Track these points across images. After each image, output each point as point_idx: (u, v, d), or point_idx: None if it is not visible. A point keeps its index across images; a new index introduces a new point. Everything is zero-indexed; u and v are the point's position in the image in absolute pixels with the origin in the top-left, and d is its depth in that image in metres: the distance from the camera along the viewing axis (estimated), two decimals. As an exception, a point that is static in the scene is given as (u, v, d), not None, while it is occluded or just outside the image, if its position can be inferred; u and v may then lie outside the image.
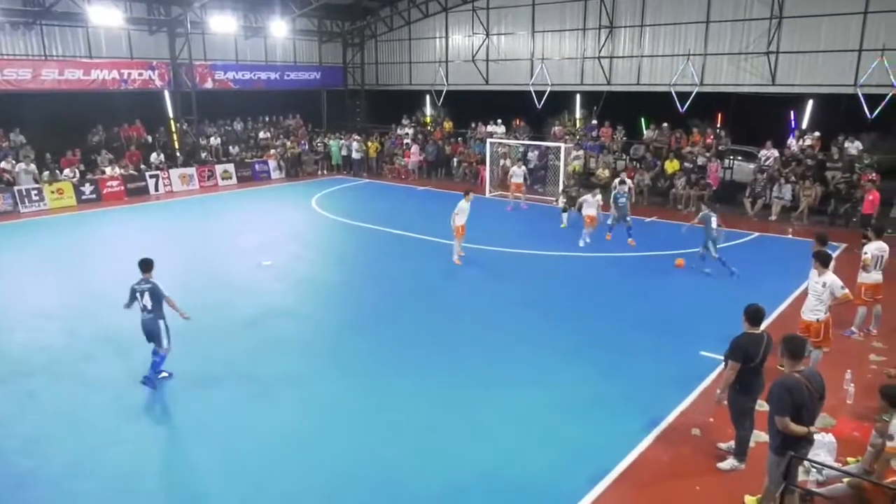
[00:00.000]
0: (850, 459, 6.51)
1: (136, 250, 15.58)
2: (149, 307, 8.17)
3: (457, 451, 6.91)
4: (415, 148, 26.80)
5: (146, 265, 8.32)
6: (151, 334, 8.30)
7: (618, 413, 7.68)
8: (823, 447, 6.52)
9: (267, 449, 6.96)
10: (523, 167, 20.21)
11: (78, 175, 21.47)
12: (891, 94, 18.03)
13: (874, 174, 17.41)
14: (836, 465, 6.38)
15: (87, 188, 21.33)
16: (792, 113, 21.90)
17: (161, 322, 8.29)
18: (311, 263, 14.76)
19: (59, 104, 21.68)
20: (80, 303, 11.79)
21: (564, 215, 17.43)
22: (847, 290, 8.08)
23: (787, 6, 19.75)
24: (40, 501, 6.21)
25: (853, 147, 18.93)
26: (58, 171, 21.17)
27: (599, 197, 15.75)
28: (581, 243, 15.13)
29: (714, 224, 12.83)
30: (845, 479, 6.01)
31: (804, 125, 21.23)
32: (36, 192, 20.18)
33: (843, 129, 19.49)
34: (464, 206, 13.71)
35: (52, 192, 20.51)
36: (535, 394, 8.19)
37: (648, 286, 12.57)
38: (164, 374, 8.55)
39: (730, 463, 6.64)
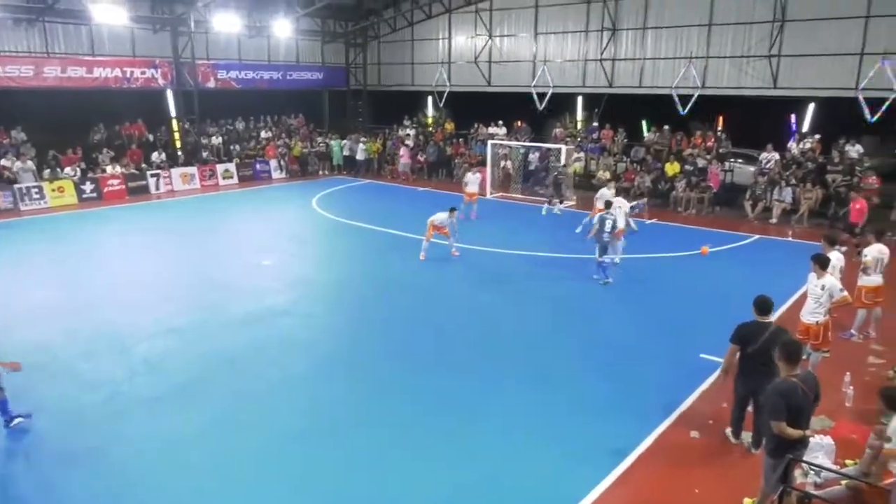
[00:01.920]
0: (848, 462, 6.51)
1: (136, 249, 15.79)
2: None
3: (458, 452, 6.91)
4: (404, 150, 26.80)
5: None
6: None
7: (617, 416, 7.68)
8: (822, 450, 6.52)
9: (265, 451, 6.95)
10: (478, 174, 19.36)
11: (79, 173, 21.49)
12: (892, 97, 18.00)
13: (874, 177, 17.41)
14: (834, 467, 6.38)
15: (88, 186, 21.35)
16: (793, 116, 21.90)
17: None
18: (311, 264, 14.78)
19: (61, 102, 21.68)
20: (79, 301, 11.79)
21: (545, 206, 19.54)
22: (846, 293, 8.08)
23: (790, 9, 19.76)
24: (29, 501, 6.22)
25: (854, 150, 18.92)
26: (59, 170, 21.20)
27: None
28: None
29: (608, 228, 12.31)
30: (843, 482, 6.01)
31: (805, 128, 21.25)
32: (37, 189, 20.20)
33: (844, 132, 19.49)
34: (443, 218, 14.10)
35: (53, 190, 20.53)
36: (533, 395, 8.19)
37: (648, 288, 12.57)
38: (20, 419, 7.34)
39: (727, 432, 7.17)
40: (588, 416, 7.70)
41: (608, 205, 12.78)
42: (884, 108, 18.23)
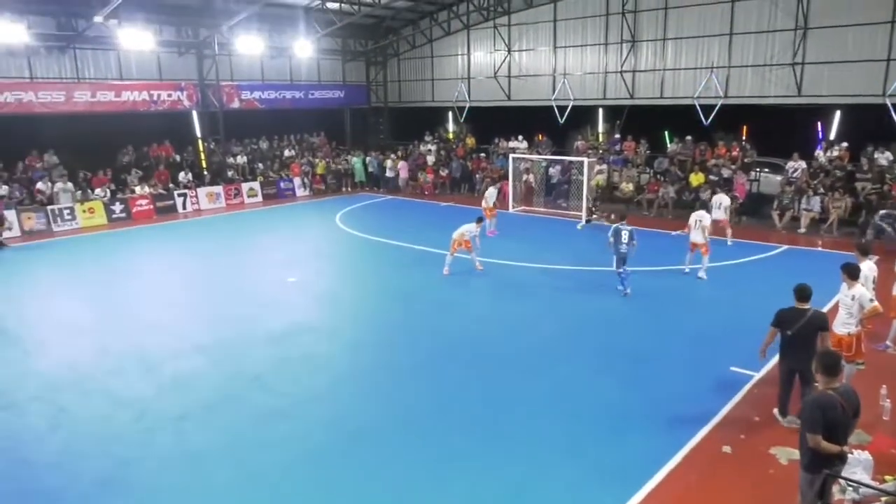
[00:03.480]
0: (887, 477, 6.33)
1: (164, 268, 16.05)
2: None
3: (481, 467, 6.85)
4: (402, 164, 27.28)
5: None
6: None
7: (646, 430, 7.57)
8: (860, 465, 6.35)
9: (290, 468, 6.97)
10: (495, 189, 19.27)
11: (109, 194, 21.98)
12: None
13: (905, 184, 17.10)
14: (873, 483, 6.20)
15: (118, 207, 21.82)
16: (819, 124, 21.57)
17: None
18: (336, 280, 14.88)
19: (91, 125, 22.20)
20: (110, 319, 12.00)
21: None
22: (876, 303, 7.88)
23: (813, 17, 19.56)
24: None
25: (883, 157, 18.58)
26: (90, 191, 21.71)
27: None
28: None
29: (624, 239, 12.30)
30: (883, 498, 5.85)
31: (832, 136, 20.91)
32: (68, 211, 20.69)
33: (872, 139, 19.15)
34: (471, 228, 14.11)
35: (84, 210, 21.02)
36: (559, 409, 8.11)
37: (675, 300, 12.42)
38: None
39: (775, 412, 7.73)
40: (616, 429, 7.60)
41: (622, 216, 12.78)
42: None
